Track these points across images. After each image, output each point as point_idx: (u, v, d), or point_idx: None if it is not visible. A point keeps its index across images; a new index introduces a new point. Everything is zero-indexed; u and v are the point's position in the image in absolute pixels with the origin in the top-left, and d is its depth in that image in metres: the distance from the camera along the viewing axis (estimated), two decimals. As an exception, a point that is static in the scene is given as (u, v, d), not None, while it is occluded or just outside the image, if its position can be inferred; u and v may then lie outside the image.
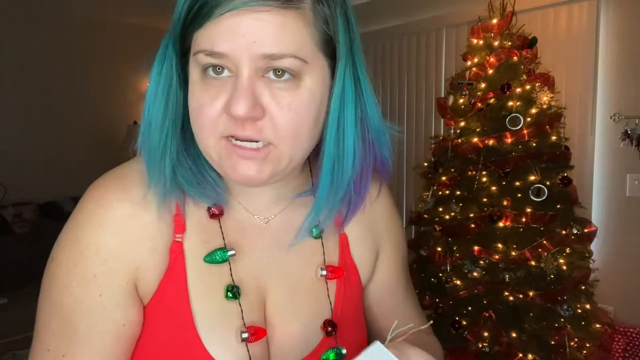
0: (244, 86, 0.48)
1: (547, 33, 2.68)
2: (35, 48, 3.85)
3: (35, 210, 3.65)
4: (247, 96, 0.47)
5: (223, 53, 0.47)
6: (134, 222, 0.54)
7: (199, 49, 0.49)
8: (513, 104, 2.02)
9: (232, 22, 0.46)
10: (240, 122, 0.49)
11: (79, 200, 0.58)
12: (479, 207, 2.02)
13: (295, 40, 0.48)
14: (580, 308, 1.94)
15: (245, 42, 0.46)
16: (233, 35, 0.46)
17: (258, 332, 0.56)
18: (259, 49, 0.47)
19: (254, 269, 0.59)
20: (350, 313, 0.64)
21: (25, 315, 2.70)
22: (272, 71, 0.48)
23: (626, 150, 2.53)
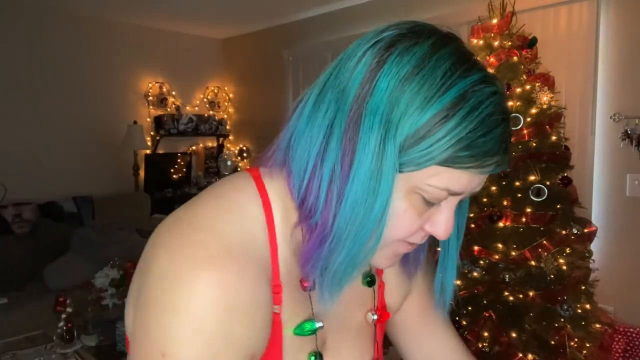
0: (452, 214, 0.53)
1: (547, 33, 2.68)
2: (35, 48, 3.85)
3: (35, 210, 3.64)
4: (452, 222, 0.53)
5: (458, 192, 0.50)
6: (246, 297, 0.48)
7: (438, 186, 0.48)
8: (513, 104, 2.02)
9: (479, 177, 0.50)
10: (426, 234, 0.54)
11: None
12: (479, 207, 2.02)
13: None
14: (580, 308, 1.94)
15: (477, 185, 0.51)
16: (474, 182, 0.50)
17: None
18: (477, 188, 0.52)
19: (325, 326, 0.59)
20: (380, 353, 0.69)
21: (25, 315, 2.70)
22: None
23: (626, 150, 2.53)
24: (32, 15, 3.82)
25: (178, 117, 4.63)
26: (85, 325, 2.18)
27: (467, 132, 0.46)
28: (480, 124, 0.46)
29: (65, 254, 3.28)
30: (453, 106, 0.46)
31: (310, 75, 4.21)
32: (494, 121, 0.47)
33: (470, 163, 0.47)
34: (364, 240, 0.49)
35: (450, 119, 0.45)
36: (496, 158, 0.48)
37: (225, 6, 3.96)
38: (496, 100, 0.48)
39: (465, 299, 2.00)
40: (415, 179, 0.48)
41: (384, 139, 0.46)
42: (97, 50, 4.20)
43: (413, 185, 0.49)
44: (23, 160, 3.78)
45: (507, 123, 0.49)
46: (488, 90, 0.47)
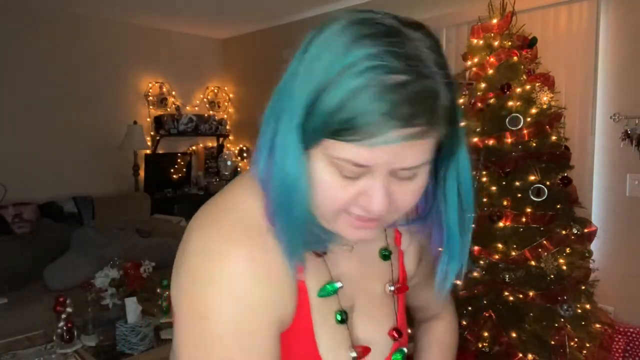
0: (381, 187, 0.52)
1: (547, 33, 2.68)
2: (35, 47, 3.85)
3: (35, 210, 3.64)
4: (383, 197, 0.52)
5: (367, 165, 0.50)
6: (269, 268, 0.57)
7: (341, 158, 0.50)
8: (513, 104, 2.02)
9: (381, 150, 0.49)
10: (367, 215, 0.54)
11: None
12: (479, 207, 2.02)
13: (426, 154, 0.52)
14: (580, 308, 1.94)
15: (390, 160, 0.50)
16: (380, 155, 0.49)
17: (364, 350, 0.65)
18: (400, 164, 0.51)
19: (348, 291, 0.67)
20: (405, 321, 0.76)
21: (25, 315, 2.70)
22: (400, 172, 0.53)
23: (626, 150, 2.53)
24: (32, 15, 3.82)
25: (178, 117, 4.63)
26: (85, 325, 2.18)
27: (339, 100, 0.47)
28: (352, 97, 0.47)
29: (65, 254, 3.28)
30: (331, 81, 0.48)
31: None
32: (369, 94, 0.46)
33: (353, 136, 0.48)
34: (295, 211, 0.54)
35: (327, 92, 0.48)
36: (373, 130, 0.47)
37: (225, 6, 3.96)
38: (373, 74, 0.47)
39: (465, 299, 2.00)
40: (327, 152, 0.51)
41: (288, 120, 0.52)
42: (97, 50, 4.20)
43: (329, 159, 0.51)
44: (23, 160, 3.78)
45: (384, 86, 0.47)
46: (366, 65, 0.47)
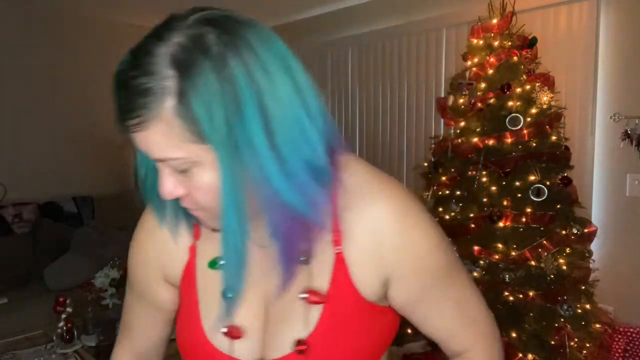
0: (160, 176, 0.58)
1: (547, 33, 2.68)
2: (35, 48, 3.85)
3: (35, 210, 3.64)
4: (163, 184, 0.58)
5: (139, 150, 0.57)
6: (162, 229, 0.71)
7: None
8: (513, 104, 2.02)
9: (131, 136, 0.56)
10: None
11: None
12: (479, 207, 2.02)
13: (160, 148, 0.54)
14: (580, 308, 1.94)
15: (142, 150, 0.57)
16: (135, 143, 0.57)
17: (235, 332, 0.66)
18: (150, 155, 0.56)
19: (252, 279, 0.65)
20: (339, 334, 0.64)
21: (25, 315, 2.70)
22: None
23: (626, 150, 2.53)
24: (32, 15, 3.82)
25: (178, 117, 4.62)
26: (85, 325, 2.18)
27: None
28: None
29: (65, 254, 3.27)
30: None
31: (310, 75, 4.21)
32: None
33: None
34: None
35: None
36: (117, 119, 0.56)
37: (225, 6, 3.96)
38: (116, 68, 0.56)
39: (465, 299, 2.00)
40: None
41: None
42: (98, 50, 4.20)
43: None
44: (23, 160, 3.78)
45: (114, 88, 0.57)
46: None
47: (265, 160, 0.53)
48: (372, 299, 0.65)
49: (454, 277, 0.69)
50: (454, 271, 0.69)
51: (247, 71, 0.51)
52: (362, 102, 3.85)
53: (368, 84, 3.78)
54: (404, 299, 0.67)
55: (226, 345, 0.67)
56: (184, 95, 0.50)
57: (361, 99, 3.85)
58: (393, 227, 0.62)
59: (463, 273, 0.71)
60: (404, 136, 3.55)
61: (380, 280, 0.64)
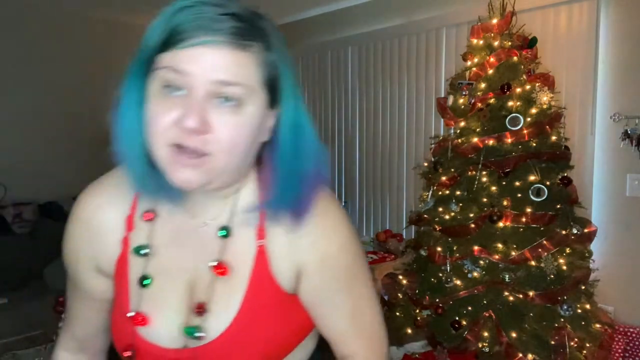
0: (197, 103, 0.58)
1: (547, 33, 2.68)
2: (35, 47, 3.85)
3: (35, 210, 3.64)
4: (198, 112, 0.58)
5: (185, 71, 0.58)
6: (97, 221, 0.74)
7: (164, 65, 0.59)
8: (513, 104, 2.02)
9: (197, 51, 0.58)
10: (188, 134, 0.59)
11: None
12: (479, 207, 2.02)
13: (244, 74, 0.60)
14: (580, 308, 1.94)
15: (204, 67, 0.58)
16: (196, 60, 0.58)
17: (139, 318, 0.71)
18: (214, 74, 0.58)
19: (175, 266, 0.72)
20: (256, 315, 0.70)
21: (25, 315, 2.70)
22: (221, 97, 0.59)
23: (626, 150, 2.53)
24: (33, 14, 3.82)
25: (178, 117, 4.62)
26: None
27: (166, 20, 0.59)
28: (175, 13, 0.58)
29: (65, 254, 3.27)
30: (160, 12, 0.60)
31: (310, 75, 4.21)
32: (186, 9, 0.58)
33: (172, 44, 0.58)
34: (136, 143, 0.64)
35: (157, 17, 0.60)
36: (191, 33, 0.57)
37: (225, 6, 3.96)
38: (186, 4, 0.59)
39: (465, 299, 2.00)
40: (156, 68, 0.60)
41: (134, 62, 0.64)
42: (98, 50, 4.20)
43: (156, 80, 0.60)
44: (23, 160, 3.78)
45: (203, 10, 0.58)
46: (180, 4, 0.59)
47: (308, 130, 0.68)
48: (290, 291, 0.72)
49: (356, 284, 0.75)
50: (357, 279, 0.75)
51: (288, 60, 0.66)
52: (362, 102, 3.84)
53: (368, 84, 3.78)
54: (308, 294, 0.73)
55: (146, 332, 0.71)
56: (270, 49, 0.62)
57: (361, 99, 3.85)
58: (309, 228, 0.69)
59: (363, 281, 0.76)
60: (404, 136, 3.55)
61: (294, 273, 0.71)
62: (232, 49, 0.58)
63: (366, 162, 3.85)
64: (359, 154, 3.91)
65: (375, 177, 3.79)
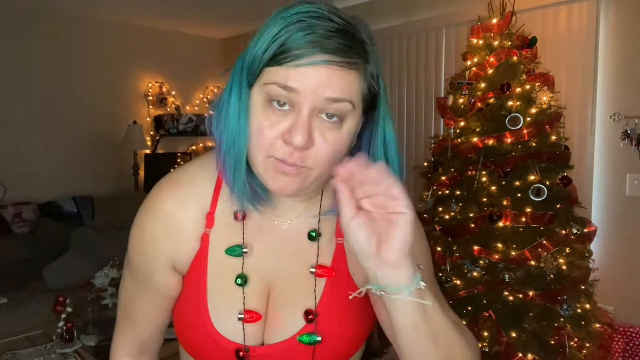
0: (305, 121, 0.59)
1: (547, 33, 2.68)
2: (34, 48, 3.85)
3: (35, 210, 3.64)
4: (306, 130, 0.59)
5: (295, 89, 0.59)
6: (177, 217, 0.72)
7: (273, 81, 0.60)
8: (513, 104, 2.02)
9: (308, 70, 0.58)
10: (291, 150, 0.60)
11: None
12: (479, 207, 2.02)
13: (349, 91, 0.60)
14: (580, 308, 1.94)
15: (315, 85, 0.58)
16: (307, 78, 0.58)
17: (254, 316, 0.71)
18: (324, 92, 0.59)
19: (262, 265, 0.73)
20: (338, 310, 0.72)
21: (25, 315, 2.70)
22: (325, 113, 0.60)
23: (626, 150, 2.53)
24: (33, 15, 3.82)
25: (178, 117, 4.63)
26: (85, 325, 2.18)
27: (276, 33, 0.59)
28: (285, 27, 0.58)
29: (65, 254, 3.28)
30: (267, 23, 0.61)
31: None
32: (297, 24, 0.58)
33: (284, 60, 0.58)
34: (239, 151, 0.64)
35: (264, 29, 0.61)
36: (302, 51, 0.58)
37: (225, 6, 3.96)
38: (302, 10, 0.59)
39: (465, 299, 2.00)
40: (263, 82, 0.61)
41: (239, 71, 0.64)
42: (98, 50, 4.20)
43: (262, 94, 0.61)
44: (23, 160, 3.78)
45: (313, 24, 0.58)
46: (296, 8, 0.59)
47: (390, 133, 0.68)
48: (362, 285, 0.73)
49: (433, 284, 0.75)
50: (434, 279, 0.77)
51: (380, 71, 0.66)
52: (362, 102, 3.84)
53: (368, 84, 3.77)
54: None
55: (233, 333, 0.71)
56: (370, 63, 0.63)
57: (361, 99, 3.84)
58: None
59: (435, 285, 0.77)
60: (404, 136, 3.55)
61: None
62: (341, 67, 0.59)
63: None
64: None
65: (375, 177, 3.79)
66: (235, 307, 0.71)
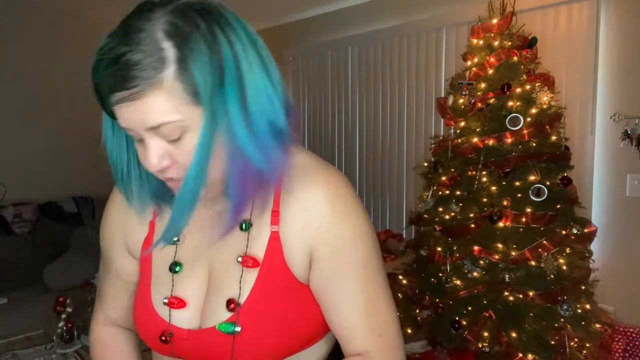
0: (149, 149, 0.61)
1: (547, 33, 2.68)
2: (35, 48, 3.85)
3: (35, 210, 3.64)
4: (153, 156, 0.61)
5: (124, 128, 0.62)
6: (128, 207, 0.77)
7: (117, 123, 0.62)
8: (513, 104, 2.02)
9: (120, 111, 0.59)
10: (159, 173, 0.64)
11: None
12: (479, 207, 2.02)
13: (160, 113, 0.58)
14: (580, 308, 1.94)
15: (132, 123, 0.60)
16: (123, 117, 0.60)
17: (179, 302, 0.73)
18: (142, 125, 0.59)
19: (198, 253, 0.75)
20: (265, 303, 0.70)
21: (25, 315, 2.71)
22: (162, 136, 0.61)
23: (626, 150, 2.53)
24: (32, 15, 3.82)
25: (178, 117, 4.62)
26: (85, 325, 2.18)
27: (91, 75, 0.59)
28: (91, 69, 0.58)
29: (65, 254, 3.28)
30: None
31: (310, 75, 4.21)
32: (95, 65, 0.57)
33: (101, 104, 0.60)
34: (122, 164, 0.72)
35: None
36: (102, 97, 0.59)
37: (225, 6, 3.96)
38: (100, 46, 0.57)
39: (465, 299, 2.00)
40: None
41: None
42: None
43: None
44: (23, 160, 3.78)
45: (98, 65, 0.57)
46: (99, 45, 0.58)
47: (236, 120, 0.61)
48: (303, 280, 0.72)
49: (370, 275, 0.72)
50: (371, 270, 0.72)
51: (230, 44, 0.60)
52: (362, 102, 3.84)
53: (368, 84, 3.78)
54: (317, 281, 0.71)
55: (168, 315, 0.74)
56: (183, 61, 0.57)
57: (361, 99, 3.85)
58: (323, 211, 0.69)
59: (380, 276, 0.73)
60: (404, 136, 3.55)
61: (306, 262, 0.71)
62: (131, 101, 0.57)
63: (366, 162, 3.85)
64: (359, 154, 3.91)
65: (375, 177, 3.79)
66: (167, 292, 0.74)
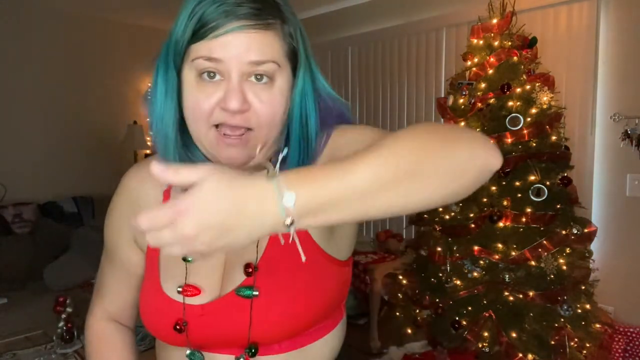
0: (236, 86, 0.63)
1: (547, 33, 2.68)
2: (34, 47, 3.85)
3: (35, 210, 3.64)
4: (239, 94, 0.63)
5: (219, 59, 0.62)
6: (138, 192, 0.79)
7: (198, 56, 0.63)
8: (513, 104, 2.02)
9: (226, 39, 0.62)
10: (231, 115, 0.64)
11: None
12: (479, 207, 2.02)
13: (271, 51, 0.64)
14: (580, 308, 1.94)
15: (237, 52, 0.62)
16: (227, 46, 0.62)
17: (193, 290, 0.73)
18: (246, 57, 0.62)
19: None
20: (278, 263, 0.71)
21: (25, 315, 2.70)
22: (254, 76, 0.64)
23: (626, 150, 2.53)
24: (32, 14, 3.82)
25: (178, 117, 4.62)
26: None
27: (191, 11, 0.63)
28: (198, 3, 0.62)
29: (65, 254, 3.27)
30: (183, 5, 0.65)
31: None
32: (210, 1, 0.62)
33: (204, 34, 0.62)
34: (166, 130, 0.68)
35: (181, 10, 0.65)
36: (217, 22, 0.61)
37: (225, 6, 3.96)
38: None
39: (465, 299, 2.00)
40: (190, 59, 0.64)
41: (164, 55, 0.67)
42: (97, 50, 4.20)
43: (192, 70, 0.65)
44: (23, 160, 3.78)
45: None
46: None
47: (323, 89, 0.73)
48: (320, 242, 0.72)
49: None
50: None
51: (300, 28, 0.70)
52: (362, 102, 3.84)
53: (368, 84, 3.78)
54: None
55: (182, 303, 0.73)
56: (286, 22, 0.67)
57: (361, 99, 3.85)
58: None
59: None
60: (404, 136, 3.55)
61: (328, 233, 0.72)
62: (257, 30, 0.62)
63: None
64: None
65: (375, 177, 3.78)
66: (180, 281, 0.74)
